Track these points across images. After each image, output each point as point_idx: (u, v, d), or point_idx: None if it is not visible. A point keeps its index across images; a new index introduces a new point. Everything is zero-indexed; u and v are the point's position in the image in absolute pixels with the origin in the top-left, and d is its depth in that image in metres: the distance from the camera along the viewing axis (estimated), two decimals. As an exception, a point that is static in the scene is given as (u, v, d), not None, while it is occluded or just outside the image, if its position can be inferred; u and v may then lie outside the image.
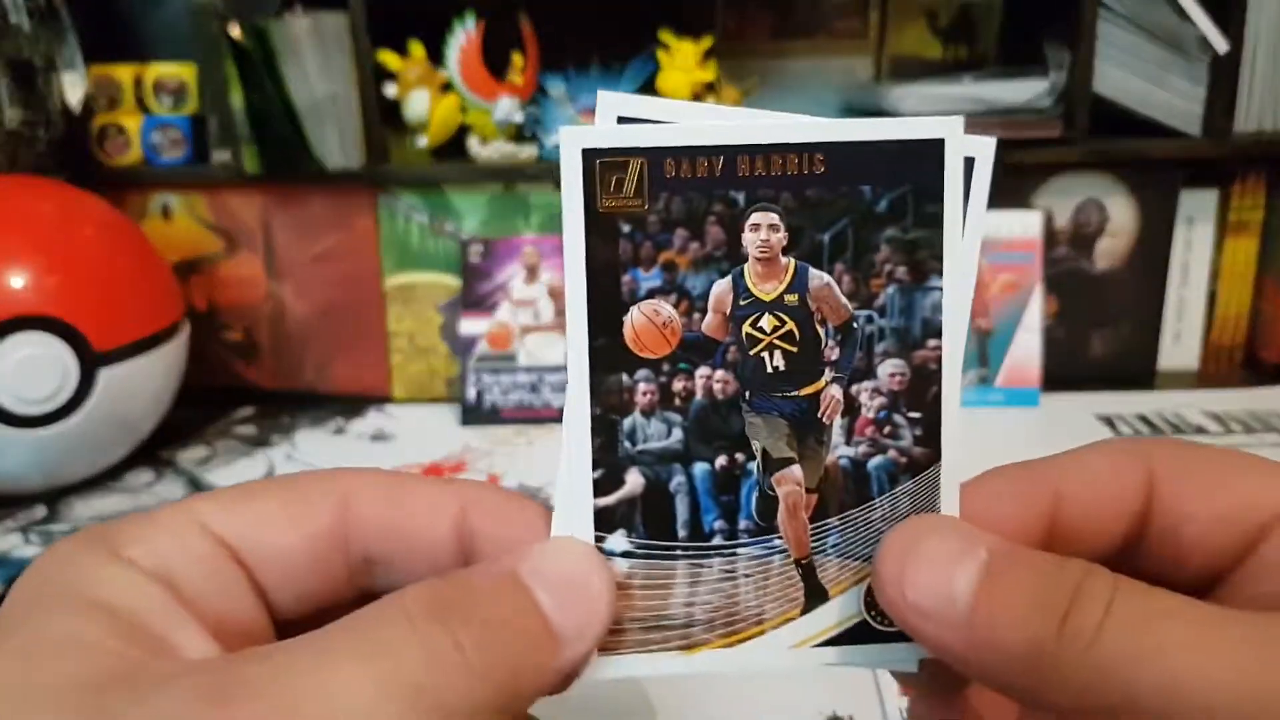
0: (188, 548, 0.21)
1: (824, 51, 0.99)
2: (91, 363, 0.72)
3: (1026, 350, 0.87)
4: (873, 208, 0.23)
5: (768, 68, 0.98)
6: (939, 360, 0.24)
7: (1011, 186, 0.90)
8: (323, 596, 0.23)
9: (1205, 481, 0.24)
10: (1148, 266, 0.92)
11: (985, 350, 0.87)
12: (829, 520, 0.24)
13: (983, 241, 0.24)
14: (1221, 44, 0.85)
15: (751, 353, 0.24)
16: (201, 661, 0.19)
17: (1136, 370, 0.94)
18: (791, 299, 0.23)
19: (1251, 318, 0.96)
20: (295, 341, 0.95)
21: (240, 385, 0.96)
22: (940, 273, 0.23)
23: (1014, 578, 0.21)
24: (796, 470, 0.24)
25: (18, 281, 0.70)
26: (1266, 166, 0.92)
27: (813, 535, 0.24)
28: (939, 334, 0.24)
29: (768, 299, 0.23)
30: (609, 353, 0.23)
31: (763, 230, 0.23)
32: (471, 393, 0.88)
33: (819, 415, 0.24)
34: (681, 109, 0.23)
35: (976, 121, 0.78)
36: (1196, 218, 0.93)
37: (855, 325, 0.24)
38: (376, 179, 0.90)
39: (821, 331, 0.24)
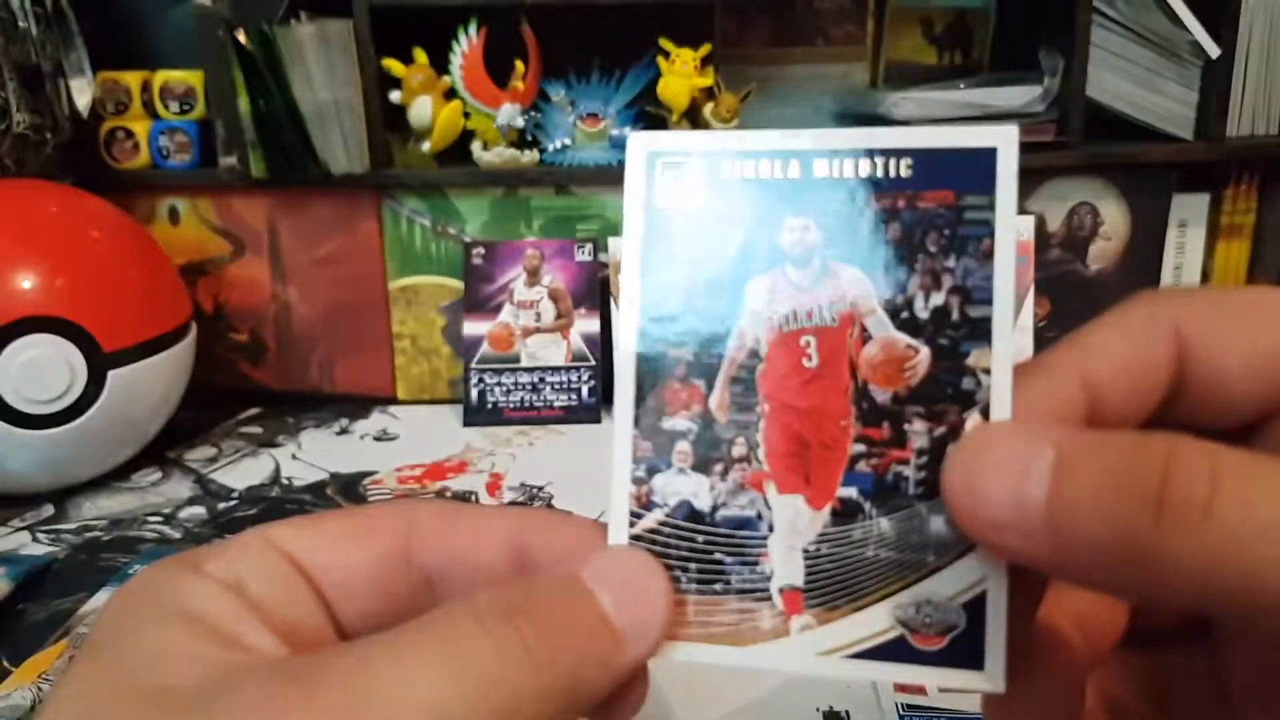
0: (261, 564, 0.23)
1: (821, 58, 1.00)
2: (99, 364, 0.73)
3: (1019, 351, 0.88)
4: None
5: (766, 74, 0.99)
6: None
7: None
8: (386, 614, 0.24)
9: (1237, 331, 0.22)
10: (1140, 269, 0.93)
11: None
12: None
13: None
14: (1214, 49, 0.86)
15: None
16: (278, 661, 0.21)
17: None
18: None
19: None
20: (300, 343, 0.96)
21: (246, 386, 0.97)
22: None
23: (1091, 466, 0.19)
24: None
25: (26, 283, 0.71)
26: (1258, 170, 0.93)
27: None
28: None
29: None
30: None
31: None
32: (474, 394, 0.89)
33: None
34: (711, 139, 0.24)
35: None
36: (1189, 221, 0.94)
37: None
38: (381, 183, 0.91)
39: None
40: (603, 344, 0.90)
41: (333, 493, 0.76)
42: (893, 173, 0.23)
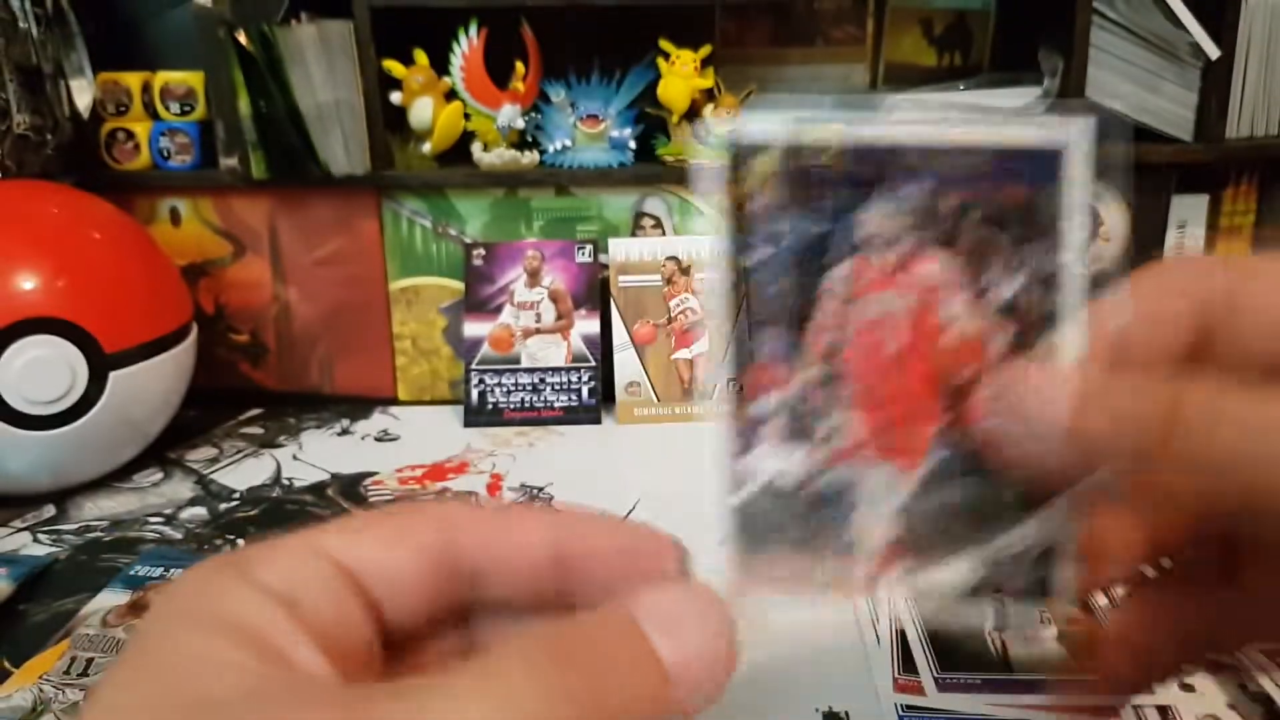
0: (308, 569, 0.23)
1: (821, 59, 1.00)
2: (101, 364, 0.73)
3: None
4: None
5: (766, 75, 0.99)
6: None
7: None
8: (430, 613, 0.24)
9: (1254, 292, 0.25)
10: (1139, 270, 0.93)
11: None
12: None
13: None
14: (1213, 50, 0.86)
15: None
16: (332, 689, 0.21)
17: (1129, 372, 0.95)
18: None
19: (1243, 321, 0.97)
20: (301, 344, 0.96)
21: (247, 387, 0.97)
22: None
23: (1110, 394, 0.23)
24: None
25: (27, 284, 0.72)
26: (1258, 171, 0.93)
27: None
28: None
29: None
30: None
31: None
32: (474, 394, 0.90)
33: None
34: (794, 129, 0.25)
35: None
36: (1188, 222, 0.94)
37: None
38: (381, 184, 0.91)
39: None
40: (602, 345, 0.90)
41: (334, 493, 0.76)
42: (970, 167, 0.25)
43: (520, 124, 0.90)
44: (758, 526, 0.26)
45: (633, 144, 0.92)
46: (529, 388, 0.90)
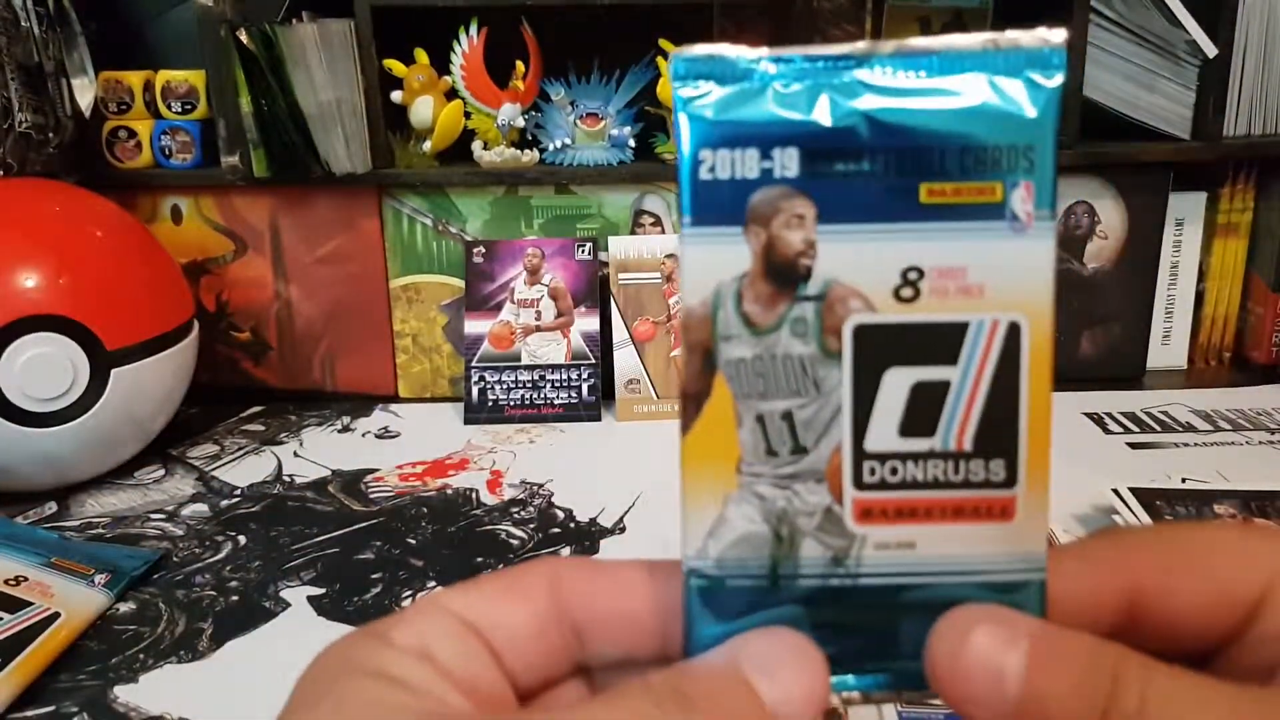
0: (443, 631, 0.25)
1: (820, 57, 1.00)
2: (103, 362, 0.73)
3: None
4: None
5: (765, 73, 0.99)
6: None
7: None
8: (548, 666, 0.26)
9: (1187, 574, 0.25)
10: (1137, 268, 0.94)
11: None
12: None
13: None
14: (1210, 48, 0.87)
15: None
16: (482, 716, 0.23)
17: (1126, 369, 0.95)
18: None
19: (1239, 318, 0.97)
20: (302, 341, 0.97)
21: (249, 384, 0.98)
22: None
23: (1058, 665, 0.22)
24: None
25: (30, 282, 0.72)
26: (1255, 169, 0.94)
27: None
28: None
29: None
30: None
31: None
32: (475, 391, 0.90)
33: None
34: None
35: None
36: (1185, 220, 0.94)
37: None
38: (382, 183, 0.92)
39: None
40: (602, 342, 0.91)
41: (335, 490, 0.77)
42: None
43: (520, 123, 0.91)
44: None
45: (632, 142, 0.92)
46: (529, 385, 0.90)
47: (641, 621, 0.26)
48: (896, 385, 0.24)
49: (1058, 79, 0.24)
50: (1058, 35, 0.24)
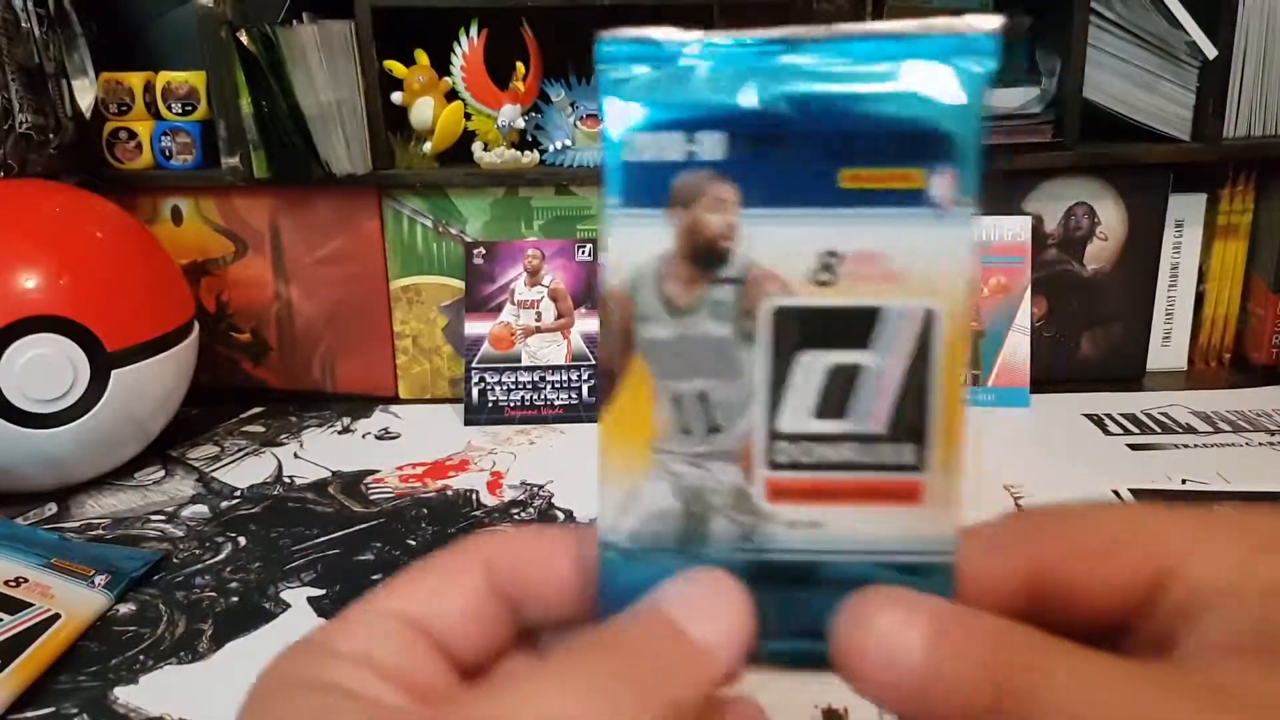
0: (381, 632, 0.25)
1: (820, 58, 1.00)
2: (103, 363, 0.73)
3: (1017, 351, 0.89)
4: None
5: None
6: None
7: (1003, 191, 0.91)
8: (492, 642, 0.27)
9: (1090, 554, 0.25)
10: (1137, 269, 0.94)
11: (977, 351, 0.89)
12: None
13: (975, 245, 0.24)
14: (1210, 49, 0.87)
15: None
16: (417, 711, 0.24)
17: (1126, 370, 0.95)
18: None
19: (1240, 319, 0.97)
20: (303, 342, 0.97)
21: (249, 385, 0.98)
22: None
23: (957, 646, 0.23)
24: None
25: (30, 283, 0.72)
26: (1255, 170, 0.94)
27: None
28: None
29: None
30: None
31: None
32: (474, 392, 0.90)
33: None
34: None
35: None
36: (1185, 221, 0.94)
37: None
38: (382, 184, 0.92)
39: None
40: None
41: (335, 491, 0.77)
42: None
43: (521, 124, 0.91)
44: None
45: (632, 143, 0.92)
46: (529, 386, 0.90)
47: (572, 585, 0.27)
48: (812, 368, 0.24)
49: (986, 66, 0.23)
50: (990, 22, 0.23)
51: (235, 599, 0.62)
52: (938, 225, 0.23)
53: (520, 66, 0.90)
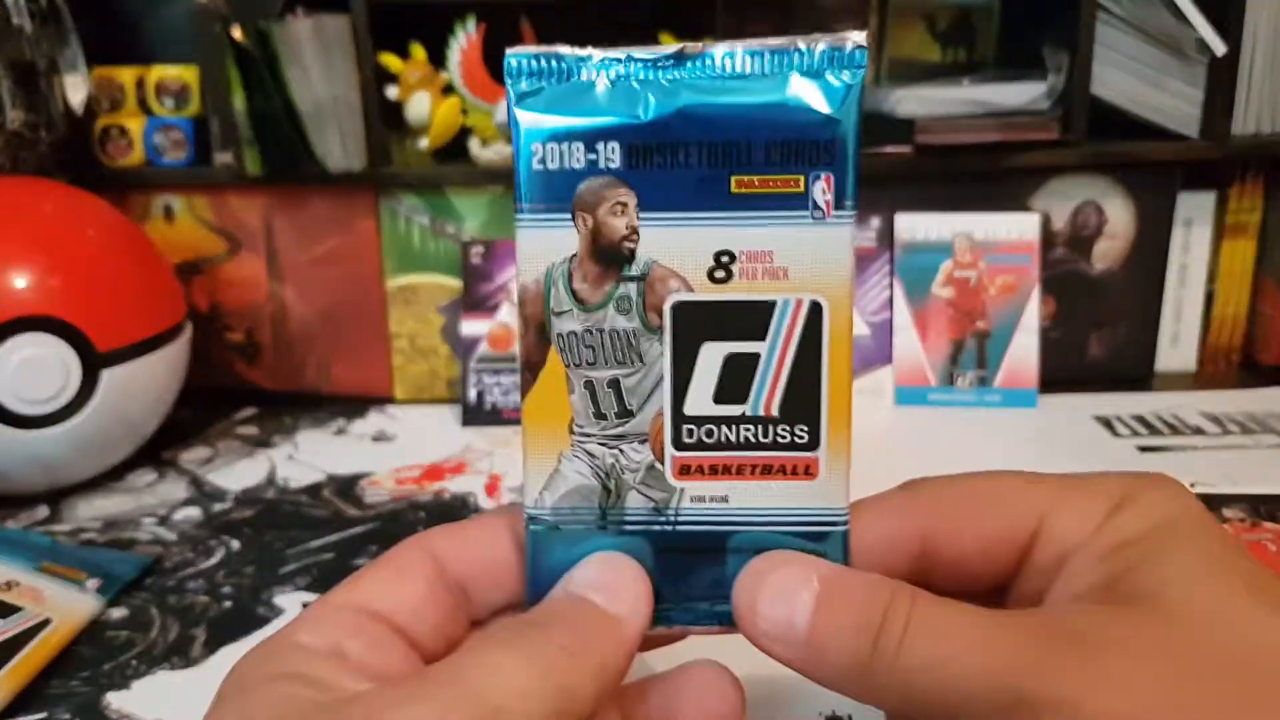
0: (348, 626, 0.27)
1: (823, 54, 0.99)
2: (94, 363, 0.72)
3: (1024, 351, 0.87)
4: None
5: (767, 70, 0.98)
6: None
7: (1009, 189, 0.90)
8: (448, 629, 0.30)
9: (970, 518, 0.28)
10: (1145, 268, 0.93)
11: (984, 352, 0.88)
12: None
13: (981, 244, 0.27)
14: (1219, 46, 0.86)
15: None
16: (366, 691, 0.25)
17: (1134, 371, 0.94)
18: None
19: (1249, 319, 0.96)
20: (297, 342, 0.96)
21: (242, 386, 0.97)
22: None
23: (840, 602, 0.25)
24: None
25: (20, 282, 0.71)
26: (1264, 168, 0.93)
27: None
28: None
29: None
30: None
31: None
32: (472, 393, 0.89)
33: None
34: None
35: (975, 123, 0.78)
36: (1194, 220, 0.93)
37: None
38: (378, 181, 0.91)
39: None
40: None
41: (330, 494, 0.75)
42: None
43: (519, 120, 0.89)
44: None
45: (633, 140, 0.91)
46: (528, 387, 0.89)
47: (512, 566, 0.30)
48: (711, 357, 0.27)
49: (855, 77, 0.27)
50: (857, 36, 0.27)
51: (228, 604, 0.61)
52: (818, 226, 0.26)
53: (519, 62, 0.89)
